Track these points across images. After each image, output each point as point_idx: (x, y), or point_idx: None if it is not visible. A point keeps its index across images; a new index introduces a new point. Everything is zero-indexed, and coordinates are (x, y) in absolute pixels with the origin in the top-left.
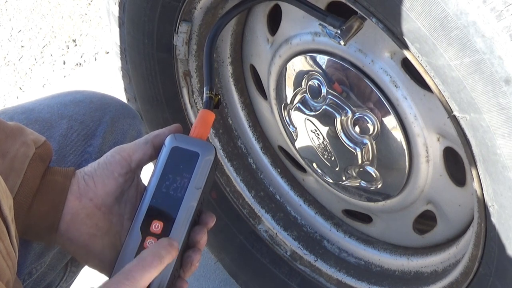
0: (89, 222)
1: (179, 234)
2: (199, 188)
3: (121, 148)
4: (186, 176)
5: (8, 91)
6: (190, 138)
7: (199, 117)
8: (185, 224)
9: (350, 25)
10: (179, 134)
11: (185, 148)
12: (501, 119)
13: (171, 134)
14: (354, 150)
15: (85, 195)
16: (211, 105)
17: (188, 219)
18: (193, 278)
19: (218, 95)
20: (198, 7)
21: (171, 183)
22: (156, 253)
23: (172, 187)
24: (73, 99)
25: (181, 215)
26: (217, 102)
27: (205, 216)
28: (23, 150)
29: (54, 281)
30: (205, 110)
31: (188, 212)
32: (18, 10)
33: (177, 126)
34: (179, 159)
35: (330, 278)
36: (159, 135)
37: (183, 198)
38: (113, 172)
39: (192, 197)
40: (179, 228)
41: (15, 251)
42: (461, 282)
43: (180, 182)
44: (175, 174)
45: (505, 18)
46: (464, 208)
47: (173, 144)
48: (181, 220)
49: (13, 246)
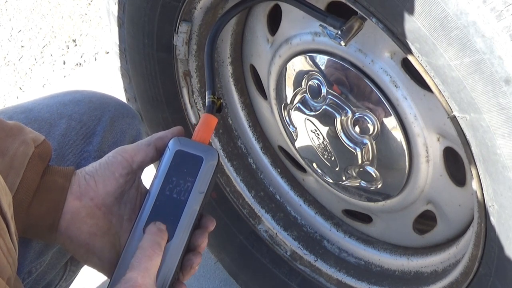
0: (89, 221)
1: (182, 237)
2: (202, 193)
3: (123, 149)
4: (190, 180)
5: (8, 91)
6: (193, 142)
7: (202, 121)
8: (188, 227)
9: (350, 26)
10: (182, 137)
11: (189, 152)
12: (501, 119)
13: (174, 137)
14: (354, 150)
15: (86, 195)
16: (214, 109)
17: (191, 223)
18: (193, 278)
19: (220, 99)
20: (198, 7)
21: (174, 186)
22: (153, 241)
23: (176, 190)
24: (72, 99)
25: (184, 218)
26: (219, 106)
27: (206, 220)
28: (23, 149)
29: (54, 280)
30: (208, 114)
31: (191, 216)
32: (18, 10)
33: (179, 129)
34: (183, 162)
35: (330, 278)
36: (161, 138)
37: (186, 202)
38: (114, 173)
39: (195, 201)
40: (182, 231)
41: (15, 248)
42: (461, 282)
43: (184, 185)
44: (179, 177)
45: (505, 18)
46: (464, 208)
47: (177, 147)
48: (184, 223)
49: (13, 243)
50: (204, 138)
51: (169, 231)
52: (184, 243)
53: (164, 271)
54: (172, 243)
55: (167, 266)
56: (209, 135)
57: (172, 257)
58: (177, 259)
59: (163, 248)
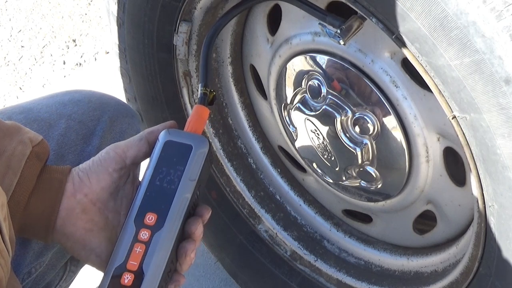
0: (85, 217)
1: (173, 225)
2: (193, 180)
3: (116, 145)
4: (180, 169)
5: (8, 91)
6: (183, 133)
7: (194, 112)
8: (179, 215)
9: (350, 25)
10: (173, 129)
11: (178, 141)
12: (501, 119)
13: (165, 129)
14: (354, 150)
15: (80, 191)
16: (206, 101)
17: (182, 211)
18: (193, 278)
19: (213, 91)
20: (198, 7)
21: (164, 176)
22: None
23: (166, 179)
24: (71, 99)
25: (174, 206)
26: (212, 99)
27: (201, 208)
28: (20, 149)
29: (54, 281)
30: (199, 106)
31: (182, 204)
32: (18, 10)
33: (171, 123)
34: (173, 152)
35: (330, 278)
36: (153, 132)
37: (176, 190)
38: (108, 168)
39: (186, 189)
40: (173, 219)
41: (7, 249)
42: (461, 282)
43: (174, 174)
44: (168, 167)
45: (505, 18)
46: (464, 208)
47: (167, 138)
48: (175, 211)
49: (5, 244)
50: (195, 128)
51: (159, 221)
52: (176, 231)
53: (156, 261)
54: (163, 232)
55: (159, 256)
56: (201, 126)
57: (164, 246)
58: (169, 248)
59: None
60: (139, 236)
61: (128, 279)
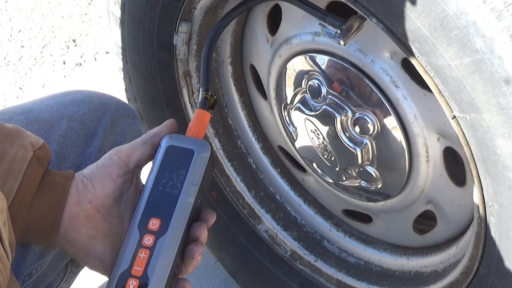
0: (89, 225)
1: (177, 230)
2: (196, 185)
3: (119, 149)
4: (182, 173)
5: (8, 91)
6: (185, 137)
7: (195, 116)
8: (183, 220)
9: (350, 25)
10: (174, 134)
11: (180, 146)
12: (501, 119)
13: (167, 134)
14: (354, 150)
15: (84, 198)
16: (207, 105)
17: (186, 215)
18: (194, 278)
19: (214, 95)
20: (198, 7)
21: (167, 181)
22: None
23: (169, 184)
24: (72, 99)
25: (178, 211)
26: (213, 103)
27: (205, 213)
28: (21, 153)
29: (55, 282)
30: (201, 110)
31: (185, 208)
32: (18, 10)
33: (172, 121)
34: (175, 157)
35: (330, 278)
36: (157, 134)
37: (179, 195)
38: (111, 174)
39: (189, 194)
40: (176, 224)
41: (7, 254)
42: (461, 282)
43: (176, 179)
44: (171, 172)
45: (505, 18)
46: (464, 208)
47: (169, 143)
48: (178, 216)
49: (5, 249)
50: (197, 133)
51: (163, 226)
52: (180, 236)
53: (161, 266)
54: (166, 237)
55: (164, 261)
56: (203, 130)
57: (168, 251)
58: (173, 253)
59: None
60: (143, 241)
61: (133, 284)
